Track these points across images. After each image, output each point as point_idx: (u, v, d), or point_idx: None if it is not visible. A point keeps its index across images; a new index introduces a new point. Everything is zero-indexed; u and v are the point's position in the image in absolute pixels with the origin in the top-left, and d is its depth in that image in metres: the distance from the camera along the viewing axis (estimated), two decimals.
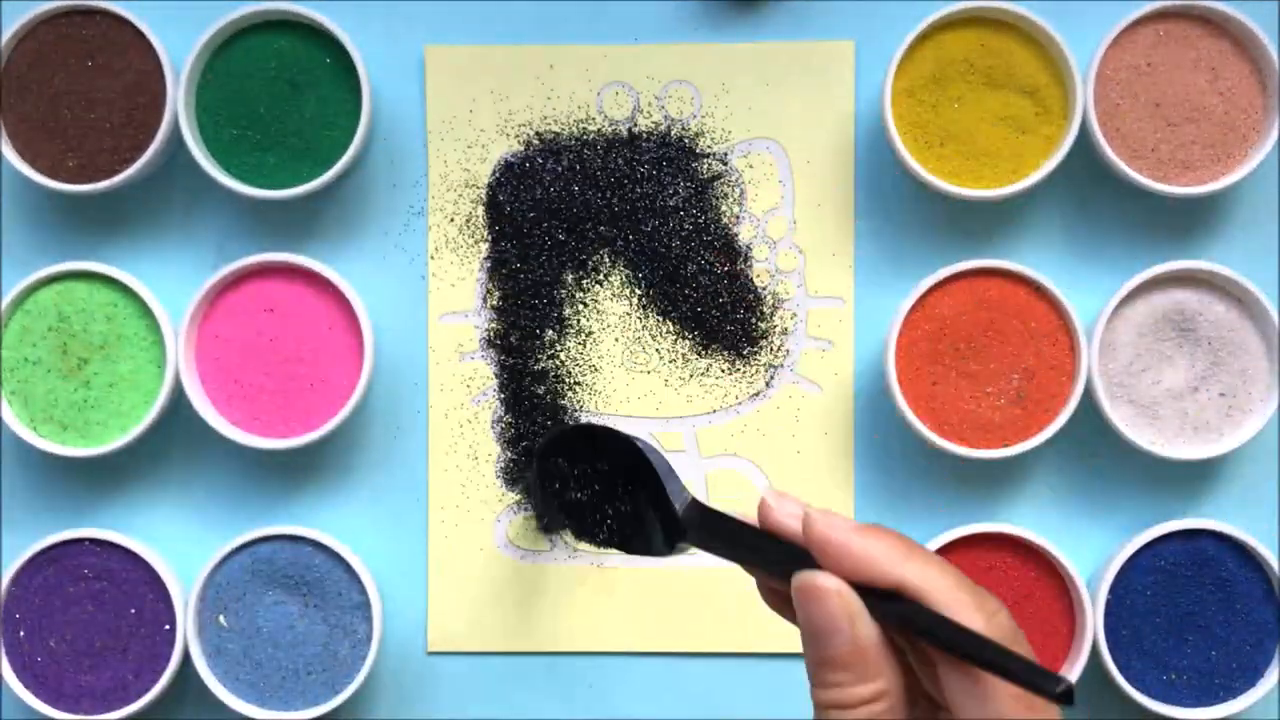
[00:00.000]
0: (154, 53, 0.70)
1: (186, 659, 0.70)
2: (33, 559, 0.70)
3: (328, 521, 0.73)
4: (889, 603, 0.40)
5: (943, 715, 0.41)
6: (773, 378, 0.73)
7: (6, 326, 0.71)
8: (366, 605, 0.70)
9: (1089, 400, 0.69)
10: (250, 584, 0.70)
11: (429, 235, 0.73)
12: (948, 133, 0.69)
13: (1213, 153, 0.69)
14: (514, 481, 0.73)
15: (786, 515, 0.43)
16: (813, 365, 0.73)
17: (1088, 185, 0.72)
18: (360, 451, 0.74)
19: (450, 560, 0.73)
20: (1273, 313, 0.68)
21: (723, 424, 0.73)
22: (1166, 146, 0.69)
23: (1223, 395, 0.69)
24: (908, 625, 0.40)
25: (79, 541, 0.70)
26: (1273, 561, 0.68)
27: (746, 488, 0.72)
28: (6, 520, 0.74)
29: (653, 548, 0.47)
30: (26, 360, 0.71)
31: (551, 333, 0.73)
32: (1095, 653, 0.68)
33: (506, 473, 0.73)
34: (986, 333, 0.69)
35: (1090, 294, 0.70)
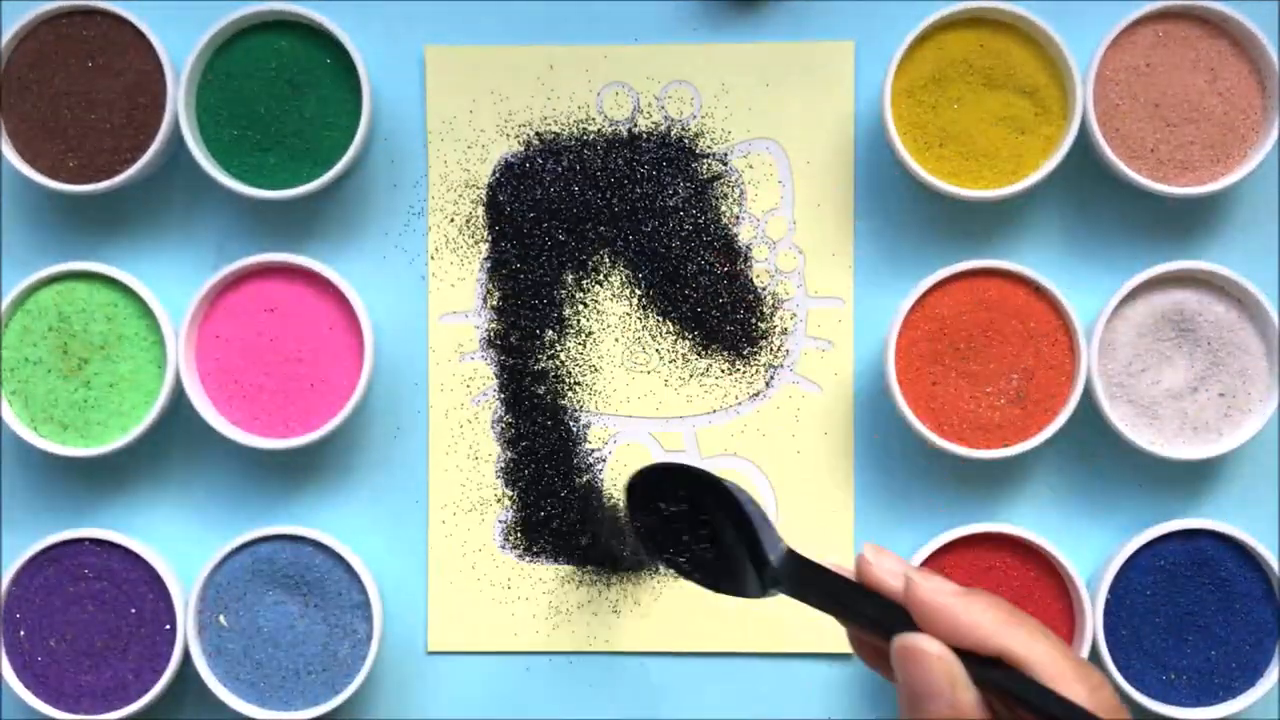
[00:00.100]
0: (154, 53, 0.70)
1: (186, 659, 0.70)
2: (33, 559, 0.70)
3: (328, 521, 0.73)
4: (989, 669, 0.40)
5: None
6: (773, 378, 0.73)
7: (7, 326, 0.71)
8: (366, 605, 0.70)
9: (1088, 400, 0.69)
10: (250, 584, 0.70)
11: (429, 235, 0.73)
12: (947, 133, 0.69)
13: (1212, 153, 0.69)
14: (512, 480, 0.73)
15: (886, 573, 0.43)
16: (813, 365, 0.73)
17: (1087, 186, 0.72)
18: (360, 451, 0.74)
19: (450, 560, 0.73)
20: (1272, 313, 0.68)
21: (723, 424, 0.73)
22: (1166, 147, 0.69)
23: (1222, 395, 0.69)
24: (1008, 694, 0.40)
25: (79, 541, 0.71)
26: (1272, 561, 0.68)
27: (747, 488, 0.72)
28: (6, 520, 0.74)
29: (745, 590, 0.47)
30: (27, 360, 0.71)
31: (551, 333, 0.73)
32: (1095, 653, 0.68)
33: (507, 472, 0.73)
34: (986, 333, 0.69)
35: (1090, 294, 0.70)
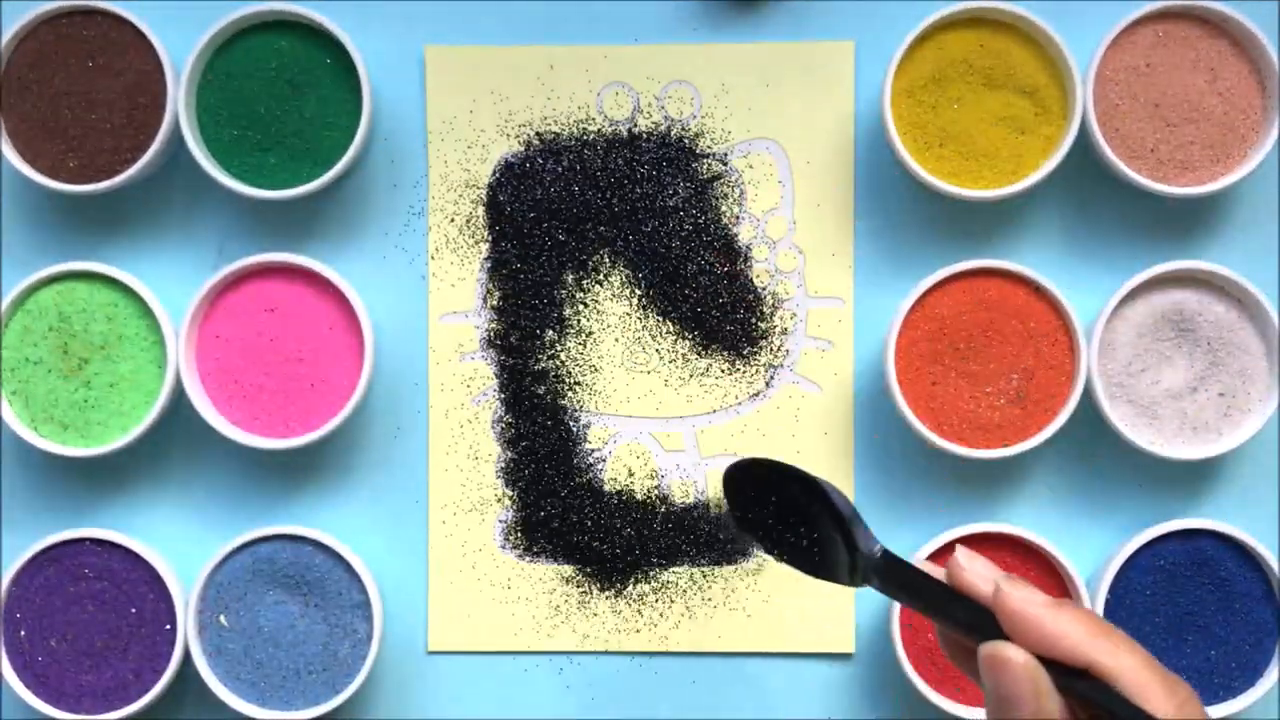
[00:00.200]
0: (154, 53, 0.70)
1: (187, 659, 0.70)
2: (33, 559, 0.70)
3: (328, 521, 0.73)
4: (1075, 679, 0.41)
5: None
6: (773, 378, 0.73)
7: (7, 326, 0.71)
8: (367, 605, 0.70)
9: (1088, 400, 0.69)
10: (251, 584, 0.70)
11: (429, 235, 0.73)
12: (947, 133, 0.69)
13: (1212, 153, 0.69)
14: (512, 480, 0.73)
15: (977, 577, 0.44)
16: (812, 365, 0.73)
17: (1087, 185, 0.72)
18: (360, 451, 0.74)
19: (450, 560, 0.73)
20: (1272, 313, 0.68)
21: (723, 424, 0.73)
22: (1166, 147, 0.69)
23: (1222, 395, 0.69)
24: (1093, 705, 0.40)
25: (79, 541, 0.71)
26: (1272, 561, 0.68)
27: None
28: (7, 520, 0.74)
29: (838, 578, 0.48)
30: (27, 360, 0.71)
31: (551, 333, 0.73)
32: None
33: (507, 472, 0.73)
34: (986, 333, 0.69)
35: (1089, 294, 0.70)
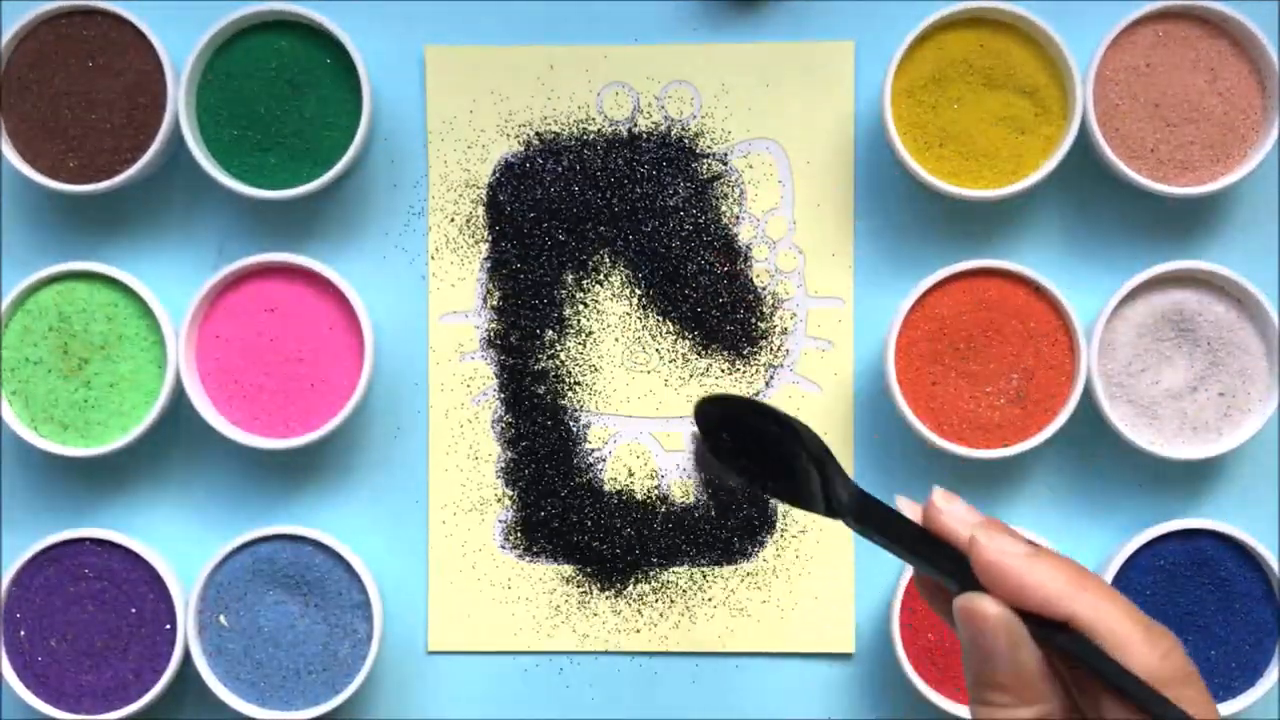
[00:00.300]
0: (154, 53, 0.70)
1: (187, 659, 0.70)
2: (33, 559, 0.70)
3: (328, 521, 0.73)
4: (1054, 631, 0.40)
5: None
6: (772, 378, 0.73)
7: (7, 326, 0.71)
8: (366, 605, 0.70)
9: (1088, 400, 0.69)
10: (251, 584, 0.70)
11: (429, 235, 0.73)
12: (947, 133, 0.69)
13: (1212, 153, 0.69)
14: (512, 480, 0.73)
15: (955, 521, 0.43)
16: (812, 365, 0.73)
17: (1087, 185, 0.72)
18: (360, 451, 0.74)
19: (450, 560, 0.73)
20: (1272, 313, 0.68)
21: None
22: (1166, 147, 0.69)
23: (1222, 395, 0.69)
24: (1072, 657, 0.40)
25: (79, 541, 0.71)
26: (1272, 561, 0.68)
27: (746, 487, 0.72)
28: (7, 520, 0.74)
29: (814, 508, 0.47)
30: (27, 360, 0.71)
31: (551, 333, 0.73)
32: None
33: (507, 472, 0.73)
34: (986, 333, 0.69)
35: (1089, 294, 0.70)
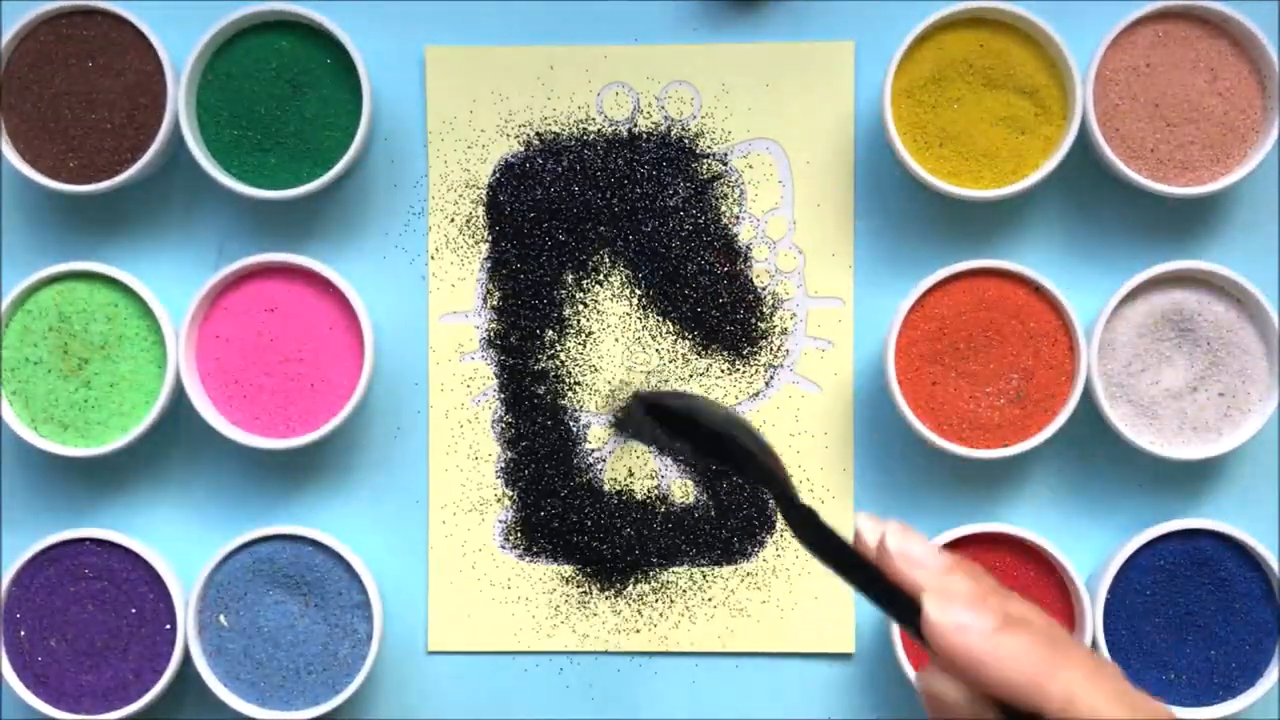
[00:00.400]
0: (154, 53, 0.70)
1: (187, 659, 0.70)
2: (33, 559, 0.70)
3: (328, 521, 0.73)
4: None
5: None
6: (772, 378, 0.73)
7: (7, 326, 0.71)
8: (366, 605, 0.70)
9: (1088, 400, 0.69)
10: (251, 584, 0.70)
11: (429, 235, 0.73)
12: (947, 133, 0.69)
13: (1212, 153, 0.69)
14: (512, 480, 0.73)
15: (910, 564, 0.40)
16: (812, 365, 0.73)
17: (1087, 186, 0.72)
18: (360, 451, 0.74)
19: (450, 560, 0.73)
20: (1272, 313, 0.68)
21: None
22: (1165, 147, 0.69)
23: (1222, 395, 0.69)
24: None
25: (79, 541, 0.71)
26: (1272, 561, 0.68)
27: (746, 487, 0.72)
28: (7, 520, 0.74)
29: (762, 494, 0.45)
30: (27, 360, 0.71)
31: (551, 333, 0.73)
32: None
33: (507, 472, 0.73)
34: (986, 333, 0.69)
35: (1089, 294, 0.70)
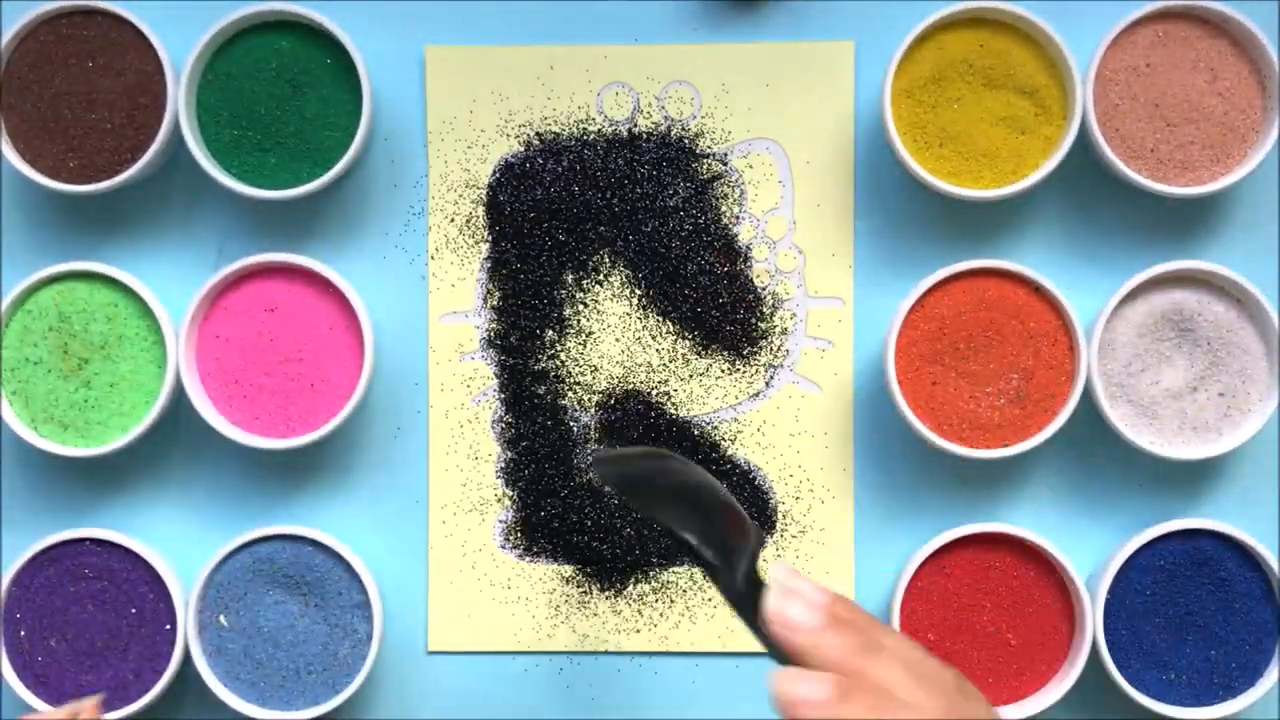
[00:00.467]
0: (154, 53, 0.70)
1: (187, 659, 0.70)
2: (33, 559, 0.70)
3: (328, 521, 0.73)
4: None
5: None
6: (772, 378, 0.73)
7: (7, 326, 0.71)
8: (366, 605, 0.70)
9: (1088, 400, 0.69)
10: (251, 584, 0.70)
11: (429, 235, 0.73)
12: (947, 133, 0.69)
13: (1212, 153, 0.69)
14: (512, 480, 0.73)
15: (785, 630, 0.43)
16: (812, 365, 0.73)
17: (1087, 186, 0.72)
18: (360, 451, 0.74)
19: (450, 560, 0.73)
20: (1272, 313, 0.68)
21: (722, 424, 0.73)
22: (1165, 147, 0.69)
23: (1222, 395, 0.69)
24: None
25: (79, 541, 0.71)
26: (1272, 561, 0.68)
27: (746, 487, 0.72)
28: (7, 520, 0.74)
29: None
30: (27, 360, 0.71)
31: (551, 333, 0.73)
32: (1095, 653, 0.68)
33: (507, 472, 0.73)
34: (986, 333, 0.69)
35: (1089, 294, 0.70)
